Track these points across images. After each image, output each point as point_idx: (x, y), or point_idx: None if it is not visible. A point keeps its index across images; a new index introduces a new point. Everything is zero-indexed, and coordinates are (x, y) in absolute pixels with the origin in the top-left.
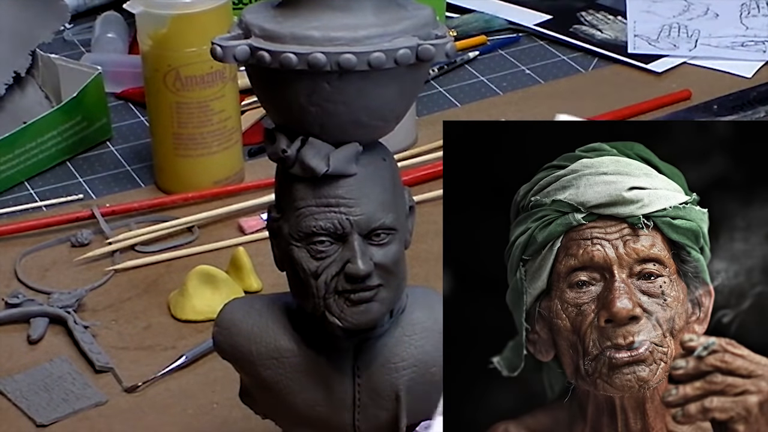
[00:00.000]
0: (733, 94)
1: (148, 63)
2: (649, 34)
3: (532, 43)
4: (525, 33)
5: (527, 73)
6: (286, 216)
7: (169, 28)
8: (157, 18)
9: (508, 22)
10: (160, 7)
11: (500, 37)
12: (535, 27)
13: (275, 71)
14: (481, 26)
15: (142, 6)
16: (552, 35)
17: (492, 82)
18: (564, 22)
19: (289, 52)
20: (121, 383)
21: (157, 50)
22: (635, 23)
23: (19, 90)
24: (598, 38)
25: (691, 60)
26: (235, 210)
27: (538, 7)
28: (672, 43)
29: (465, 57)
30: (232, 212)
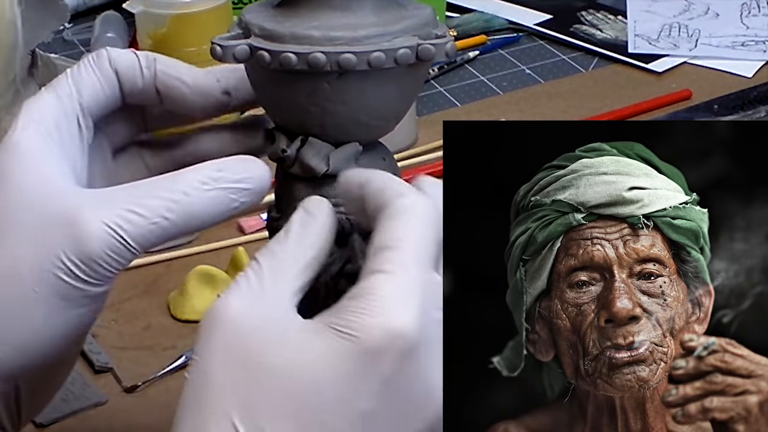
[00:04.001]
0: (733, 94)
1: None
2: (649, 34)
3: (533, 42)
4: (525, 33)
5: (527, 72)
6: (286, 216)
7: (168, 27)
8: (156, 18)
9: (509, 22)
10: (160, 7)
11: (500, 37)
12: (536, 27)
13: (275, 71)
14: (481, 26)
15: (141, 6)
16: (552, 35)
17: (492, 82)
18: (564, 22)
19: (288, 52)
20: (121, 383)
21: (156, 50)
22: (636, 23)
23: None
24: (598, 38)
25: (692, 60)
26: None
27: (539, 7)
28: (672, 43)
29: (465, 56)
30: None
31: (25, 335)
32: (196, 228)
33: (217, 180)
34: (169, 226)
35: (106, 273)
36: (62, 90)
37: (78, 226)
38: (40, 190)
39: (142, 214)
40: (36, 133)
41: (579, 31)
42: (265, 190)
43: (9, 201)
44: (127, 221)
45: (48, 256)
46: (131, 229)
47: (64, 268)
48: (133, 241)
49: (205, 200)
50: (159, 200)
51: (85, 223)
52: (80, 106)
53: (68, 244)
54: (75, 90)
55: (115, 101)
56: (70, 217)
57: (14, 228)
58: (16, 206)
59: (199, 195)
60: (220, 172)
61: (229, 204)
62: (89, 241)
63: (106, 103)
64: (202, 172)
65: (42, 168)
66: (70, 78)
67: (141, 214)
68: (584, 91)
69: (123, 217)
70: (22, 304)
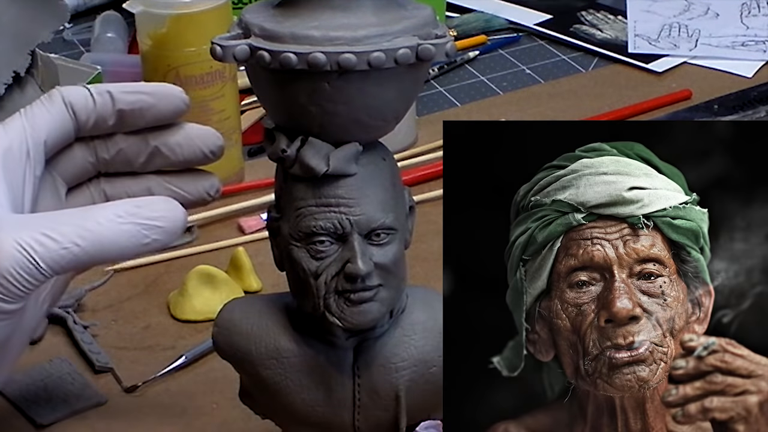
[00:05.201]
0: (733, 94)
1: (147, 63)
2: (649, 34)
3: (533, 42)
4: (525, 32)
5: (527, 72)
6: (286, 216)
7: (168, 27)
8: (156, 18)
9: (508, 22)
10: (160, 7)
11: (500, 37)
12: (536, 27)
13: (275, 71)
14: (481, 26)
15: (141, 6)
16: (552, 35)
17: (492, 82)
18: (564, 22)
19: (289, 52)
20: (121, 383)
21: (156, 50)
22: (635, 23)
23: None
24: (598, 38)
25: (692, 60)
26: (234, 210)
27: (539, 7)
28: (672, 43)
29: (465, 56)
30: (231, 212)
31: None
32: (109, 259)
33: (134, 215)
34: (79, 253)
35: (17, 291)
36: (14, 125)
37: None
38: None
39: (55, 239)
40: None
41: (579, 31)
42: (179, 232)
43: None
44: (40, 244)
45: None
46: (42, 251)
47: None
48: (44, 263)
49: (117, 232)
50: (72, 227)
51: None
52: (30, 140)
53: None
54: (28, 125)
55: (68, 133)
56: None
57: None
58: None
59: (111, 227)
60: (138, 208)
61: (141, 239)
62: (1, 259)
63: (59, 135)
64: (120, 207)
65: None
66: (24, 116)
67: (53, 238)
68: (584, 91)
69: (36, 240)
70: None
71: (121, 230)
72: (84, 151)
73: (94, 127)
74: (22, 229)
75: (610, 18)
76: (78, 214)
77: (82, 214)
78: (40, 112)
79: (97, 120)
